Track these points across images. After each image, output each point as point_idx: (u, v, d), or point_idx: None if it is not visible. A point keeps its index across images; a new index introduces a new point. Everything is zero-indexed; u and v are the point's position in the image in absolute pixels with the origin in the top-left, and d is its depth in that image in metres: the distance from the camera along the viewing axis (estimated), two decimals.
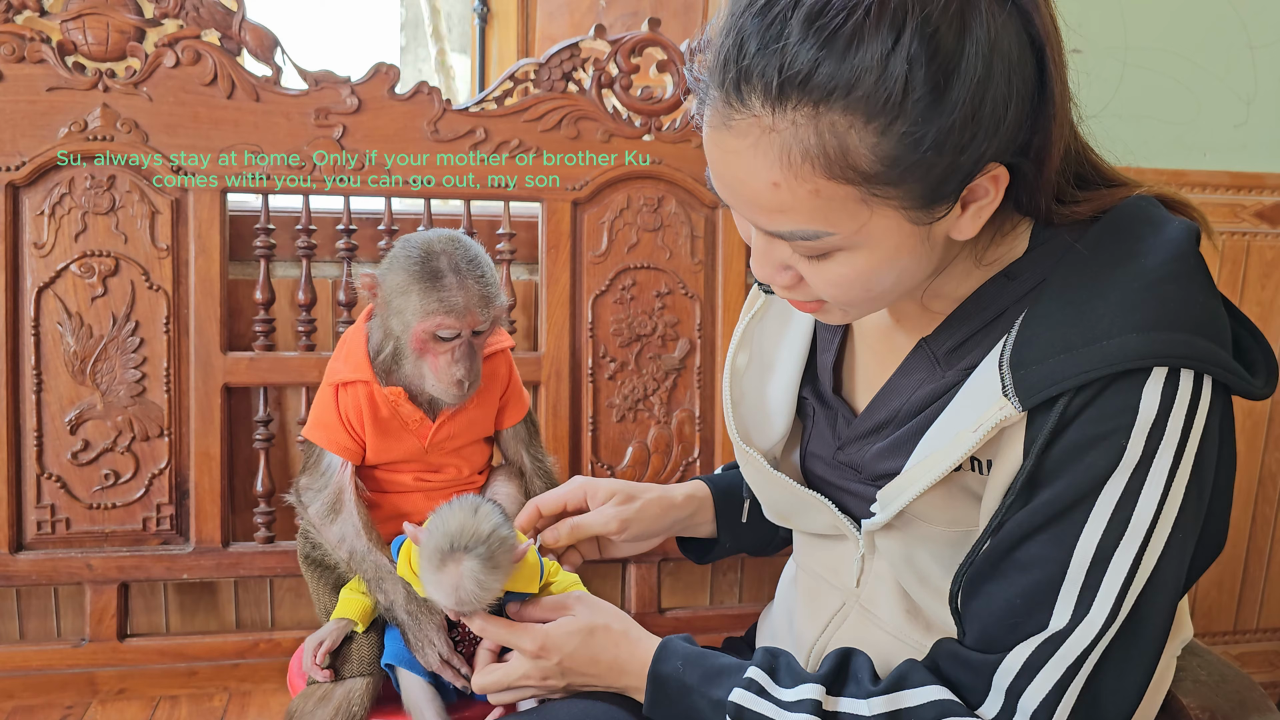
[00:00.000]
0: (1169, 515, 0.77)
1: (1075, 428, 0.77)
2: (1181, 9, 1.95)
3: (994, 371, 0.81)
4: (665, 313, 1.77)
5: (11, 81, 1.52)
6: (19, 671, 1.59)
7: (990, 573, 0.82)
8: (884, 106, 0.71)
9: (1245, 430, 2.12)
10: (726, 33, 0.76)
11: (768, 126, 0.74)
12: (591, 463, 1.76)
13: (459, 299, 1.06)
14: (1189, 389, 0.77)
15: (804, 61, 0.71)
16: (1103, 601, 0.77)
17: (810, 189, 0.74)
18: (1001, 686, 0.79)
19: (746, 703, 0.87)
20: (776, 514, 1.07)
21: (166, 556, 1.61)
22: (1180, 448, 0.76)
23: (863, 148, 0.73)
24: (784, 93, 0.72)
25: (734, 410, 1.05)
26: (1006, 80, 0.74)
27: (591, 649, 0.98)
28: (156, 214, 1.59)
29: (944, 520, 0.87)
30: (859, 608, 0.99)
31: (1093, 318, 0.78)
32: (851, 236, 0.77)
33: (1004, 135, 0.76)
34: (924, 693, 0.82)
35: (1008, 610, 0.80)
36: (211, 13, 1.58)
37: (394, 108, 1.64)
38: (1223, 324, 0.80)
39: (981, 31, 0.72)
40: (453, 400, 1.11)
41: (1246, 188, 2.02)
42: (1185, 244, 0.80)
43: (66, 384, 1.58)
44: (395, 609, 1.09)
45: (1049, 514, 0.78)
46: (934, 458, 0.84)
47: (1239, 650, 2.22)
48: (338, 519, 1.13)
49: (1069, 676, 0.77)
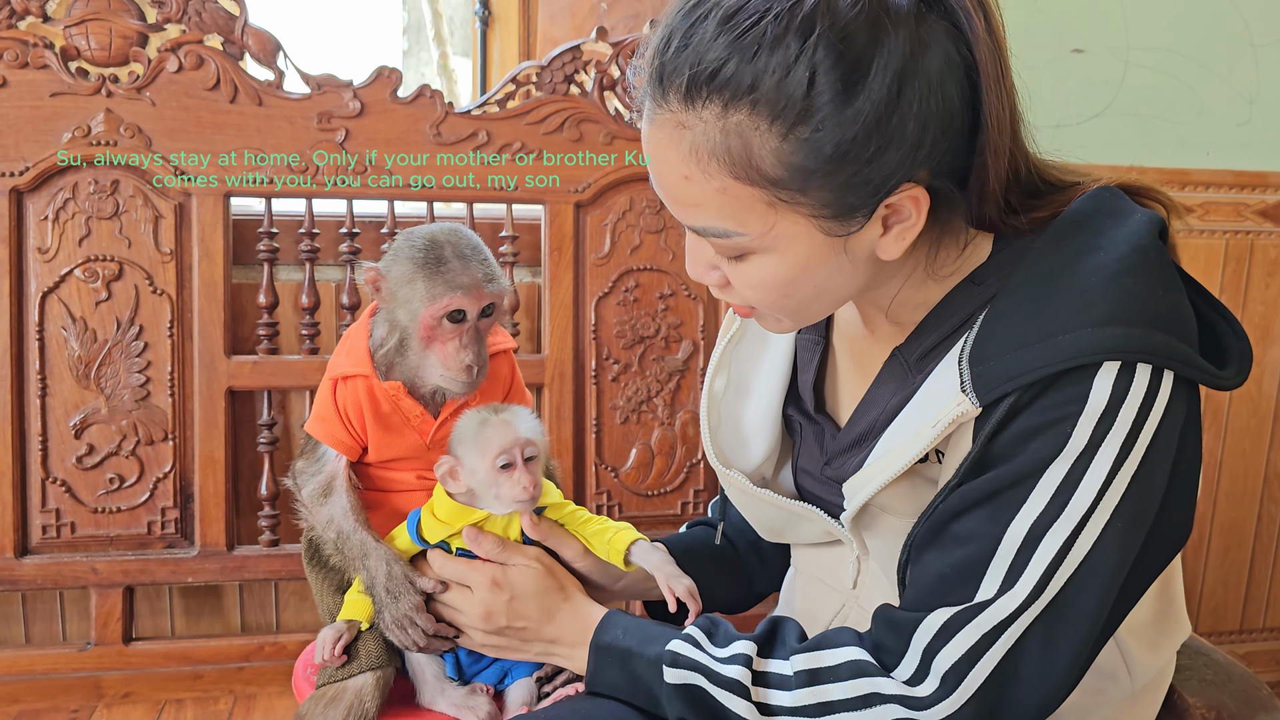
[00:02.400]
0: (1109, 503, 0.77)
1: (1023, 417, 0.78)
2: (1184, 8, 1.95)
3: (954, 368, 0.82)
4: (668, 314, 1.77)
5: (15, 87, 1.53)
6: (24, 675, 1.59)
7: (930, 541, 0.83)
8: (786, 110, 0.73)
9: (1250, 429, 2.12)
10: (659, 30, 0.79)
11: (680, 122, 0.76)
12: (595, 465, 1.76)
13: (465, 278, 1.07)
14: (1145, 383, 0.76)
15: (713, 60, 0.73)
16: (1028, 578, 0.77)
17: (718, 186, 0.77)
18: (919, 647, 0.80)
19: (683, 650, 0.88)
20: (768, 531, 1.08)
21: (171, 560, 1.62)
22: (1130, 439, 0.76)
23: (765, 150, 0.74)
24: (694, 89, 0.74)
25: (712, 435, 1.06)
26: (921, 101, 0.74)
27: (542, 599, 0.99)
28: (160, 218, 1.59)
29: (909, 512, 0.88)
30: (858, 608, 0.99)
31: (1049, 313, 0.78)
32: (761, 239, 0.79)
33: (921, 155, 0.76)
34: (842, 653, 0.83)
35: (939, 579, 0.81)
36: (214, 17, 1.58)
37: (396, 111, 1.64)
38: (1184, 317, 0.80)
39: (895, 46, 0.73)
40: (461, 389, 1.11)
41: (1250, 186, 2.02)
42: (1146, 236, 0.80)
43: (71, 388, 1.59)
44: (376, 585, 1.10)
45: (990, 490, 0.79)
46: (894, 452, 0.85)
47: (1245, 649, 2.22)
48: (328, 501, 1.14)
49: (984, 644, 0.78)
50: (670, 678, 0.88)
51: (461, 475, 1.06)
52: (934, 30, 0.75)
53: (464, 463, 1.06)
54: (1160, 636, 0.95)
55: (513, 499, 1.04)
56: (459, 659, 1.14)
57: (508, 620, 1.00)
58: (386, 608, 1.09)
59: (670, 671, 0.88)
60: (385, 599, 1.09)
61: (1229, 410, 2.10)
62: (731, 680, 0.85)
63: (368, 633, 1.12)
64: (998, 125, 0.78)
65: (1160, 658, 0.96)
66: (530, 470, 1.04)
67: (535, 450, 1.04)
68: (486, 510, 1.07)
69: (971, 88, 0.77)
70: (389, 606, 1.09)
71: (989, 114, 0.77)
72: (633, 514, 1.80)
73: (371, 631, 1.12)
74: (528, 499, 1.03)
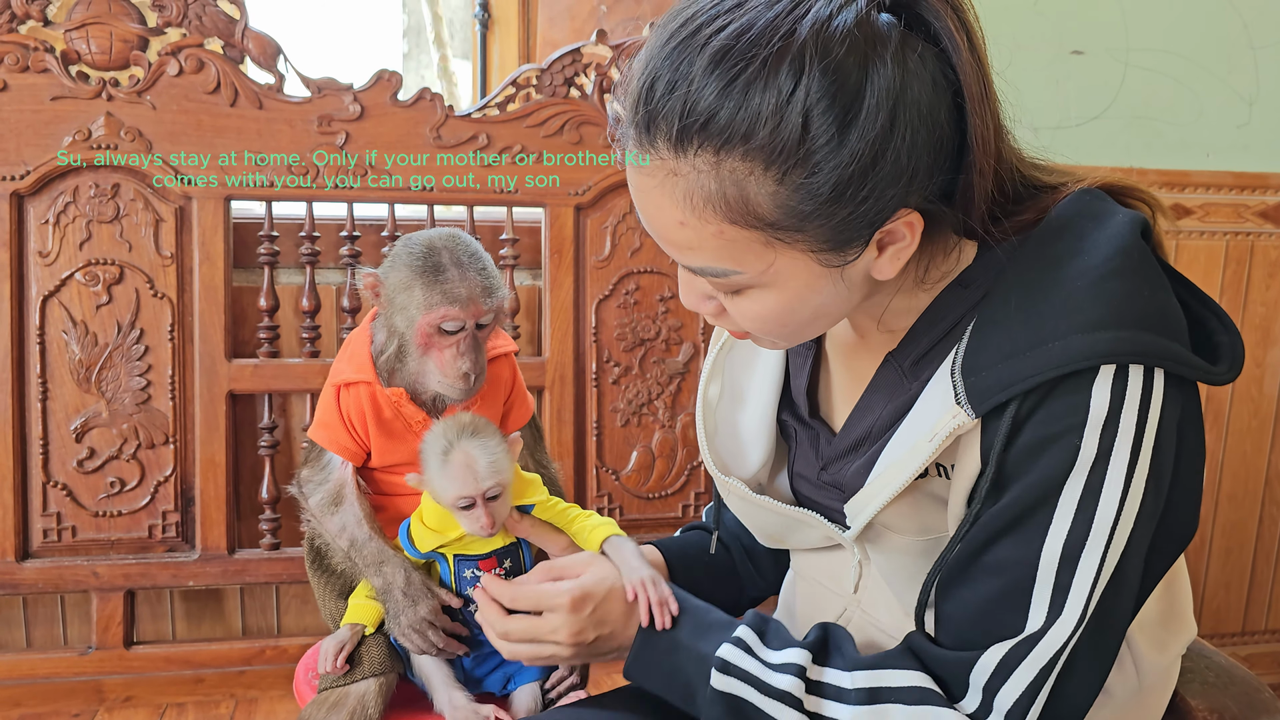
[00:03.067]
0: (1131, 511, 0.77)
1: (1028, 430, 0.78)
2: (1183, 10, 1.95)
3: (946, 380, 0.82)
4: (669, 317, 1.77)
5: (15, 91, 1.53)
6: (26, 680, 1.59)
7: (960, 577, 0.82)
8: (781, 155, 0.71)
9: (1251, 430, 2.12)
10: (641, 71, 0.76)
11: (672, 169, 0.74)
12: (596, 467, 1.76)
13: (462, 290, 1.07)
14: (1139, 384, 0.76)
15: (704, 107, 0.72)
16: (1075, 601, 0.77)
17: (714, 230, 0.75)
18: (979, 684, 0.80)
19: (733, 658, 0.87)
20: (768, 537, 1.07)
21: (172, 564, 1.61)
22: (1136, 443, 0.76)
23: (762, 195, 0.73)
24: (685, 137, 0.73)
25: (709, 442, 1.05)
26: (914, 130, 0.73)
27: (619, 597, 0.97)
28: (160, 222, 1.59)
29: (913, 529, 0.88)
30: (860, 612, 0.99)
31: (1038, 320, 0.78)
32: (759, 276, 0.78)
33: (915, 183, 0.76)
34: (907, 675, 0.83)
35: (981, 613, 0.81)
36: (214, 21, 1.59)
37: (397, 114, 1.64)
38: (1172, 315, 0.80)
39: (884, 81, 0.71)
40: (458, 396, 1.11)
41: (1250, 188, 2.02)
42: (1129, 237, 0.80)
43: (72, 392, 1.59)
44: (393, 590, 1.09)
45: (1012, 516, 0.79)
46: (893, 469, 0.85)
47: (1247, 651, 2.22)
48: (339, 510, 1.14)
49: (1044, 676, 0.78)
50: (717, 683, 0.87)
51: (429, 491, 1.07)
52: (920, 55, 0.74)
53: (431, 484, 1.06)
54: (1167, 635, 0.95)
55: (473, 529, 1.04)
56: (465, 665, 1.14)
57: (596, 631, 0.98)
58: (404, 612, 1.09)
59: (718, 677, 0.87)
60: (404, 603, 1.09)
61: (1230, 412, 2.10)
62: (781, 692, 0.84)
63: (371, 639, 1.12)
64: (982, 145, 0.78)
65: (1166, 657, 0.96)
66: (489, 510, 1.03)
67: (498, 490, 1.03)
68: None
69: (957, 108, 0.77)
70: (407, 611, 1.09)
71: (974, 135, 0.77)
72: (633, 516, 1.80)
73: (375, 637, 1.12)
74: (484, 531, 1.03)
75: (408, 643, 1.09)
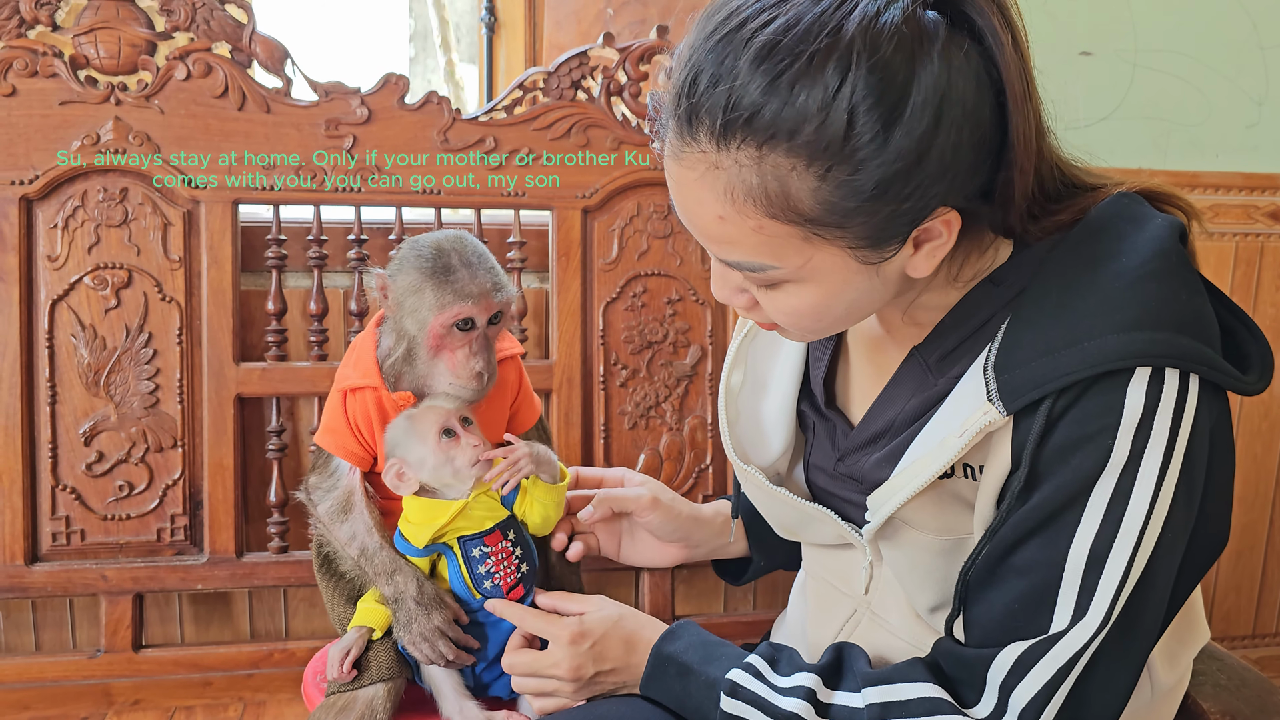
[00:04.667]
0: (1160, 515, 0.76)
1: (1061, 429, 0.77)
2: (1191, 11, 1.94)
3: (979, 377, 0.81)
4: (676, 319, 1.77)
5: (24, 96, 1.53)
6: (35, 683, 1.59)
7: (987, 578, 0.82)
8: (825, 152, 0.71)
9: (1262, 432, 2.11)
10: (684, 64, 0.76)
11: (714, 163, 0.74)
12: None
13: (473, 287, 1.07)
14: (1175, 388, 0.76)
15: (749, 102, 0.72)
16: (1099, 603, 0.76)
17: (754, 225, 0.76)
18: (995, 683, 0.79)
19: (742, 681, 0.87)
20: (783, 528, 1.07)
21: (181, 567, 1.62)
22: (1169, 447, 0.76)
23: (804, 191, 0.73)
24: (729, 131, 0.73)
25: (730, 430, 1.06)
26: (958, 129, 0.73)
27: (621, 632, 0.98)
28: (169, 225, 1.60)
29: (935, 527, 0.87)
30: (870, 614, 0.98)
31: (1074, 319, 0.77)
32: (797, 271, 0.78)
33: (956, 181, 0.75)
34: (917, 688, 0.82)
35: (1007, 615, 0.80)
36: (222, 25, 1.59)
37: (404, 118, 1.65)
38: (1207, 321, 0.80)
39: (930, 79, 0.71)
40: (471, 396, 1.11)
41: (1260, 188, 2.01)
42: (1167, 240, 0.80)
43: (80, 396, 1.59)
44: (405, 599, 1.09)
45: (1041, 517, 0.78)
46: (920, 463, 0.85)
47: (1258, 654, 2.21)
48: (349, 518, 1.14)
49: (1061, 676, 0.77)
50: (726, 706, 0.87)
51: (409, 473, 1.08)
52: (965, 53, 0.74)
53: (408, 458, 1.07)
54: (1180, 646, 0.94)
55: (469, 464, 1.05)
56: (475, 670, 1.13)
57: (595, 668, 0.99)
58: (416, 620, 1.09)
59: (727, 701, 0.87)
60: (416, 611, 1.09)
61: (1240, 415, 2.09)
62: (789, 714, 0.84)
63: (379, 643, 1.12)
64: (1024, 144, 0.77)
65: (1180, 666, 0.95)
66: (473, 432, 1.05)
67: (469, 415, 1.08)
68: (453, 499, 1.08)
69: (999, 106, 0.76)
70: (419, 619, 1.09)
71: (1015, 133, 0.77)
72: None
73: (383, 642, 1.12)
74: (484, 460, 1.04)
75: (417, 652, 1.09)
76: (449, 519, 1.08)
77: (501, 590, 1.10)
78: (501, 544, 1.09)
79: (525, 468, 1.10)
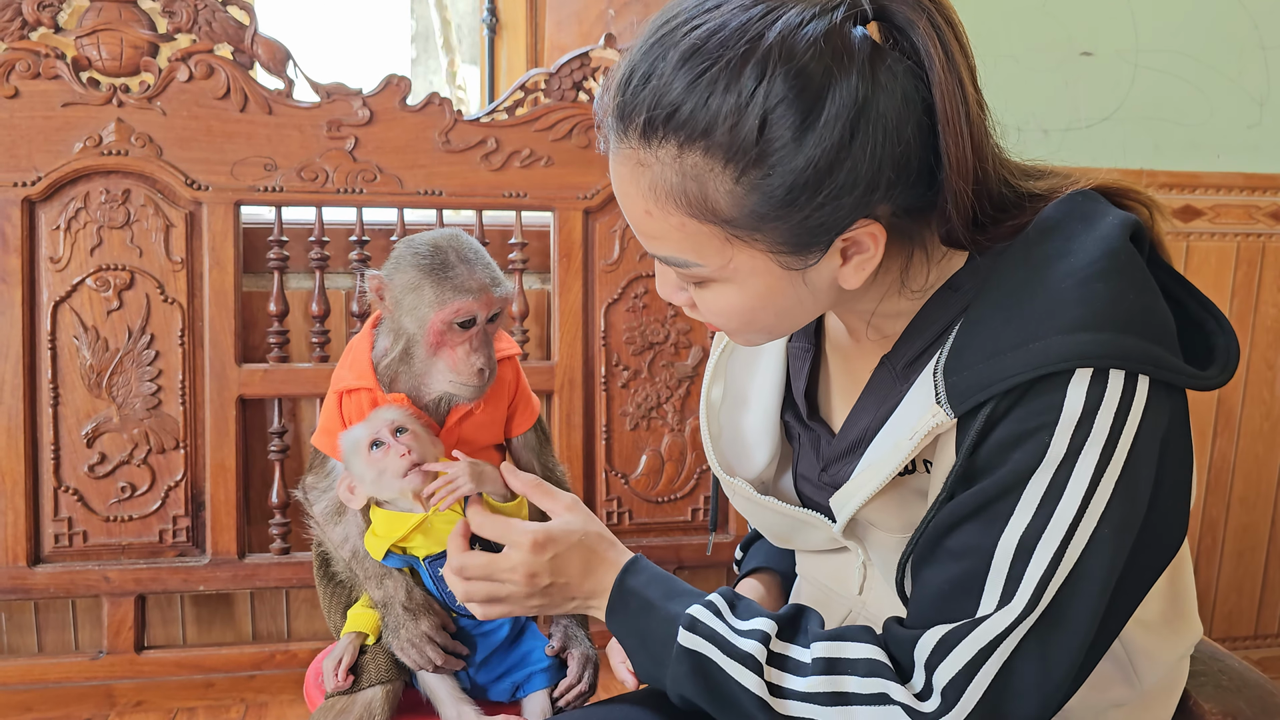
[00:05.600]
0: (1095, 512, 0.77)
1: (1002, 427, 0.78)
2: (1192, 10, 1.94)
3: (929, 380, 0.82)
4: (677, 320, 1.77)
5: (27, 97, 1.54)
6: (37, 684, 1.60)
7: (927, 557, 0.83)
8: (738, 154, 0.74)
9: (1263, 433, 2.11)
10: (623, 62, 0.79)
11: (639, 160, 0.77)
12: (605, 471, 1.76)
13: (473, 283, 1.08)
14: (1119, 388, 0.76)
15: (669, 101, 0.74)
16: (1024, 590, 0.77)
17: (676, 222, 0.78)
18: (921, 660, 0.81)
19: (701, 617, 0.88)
20: (776, 537, 1.08)
21: (183, 568, 1.62)
22: (1109, 445, 0.76)
23: (720, 192, 0.75)
24: (651, 129, 0.76)
25: (714, 444, 1.06)
26: (876, 144, 0.74)
27: (582, 550, 0.98)
28: (171, 227, 1.60)
29: (897, 526, 0.88)
30: (865, 615, 0.99)
31: (1020, 321, 0.78)
32: (720, 270, 0.81)
33: (876, 195, 0.77)
34: (863, 648, 0.83)
35: (939, 594, 0.82)
36: (224, 27, 1.59)
37: (405, 119, 1.65)
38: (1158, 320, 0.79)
39: (847, 93, 0.73)
40: (472, 394, 1.11)
41: (1261, 189, 2.01)
42: (1117, 239, 0.80)
43: (83, 397, 1.59)
44: (393, 604, 1.09)
45: (978, 504, 0.79)
46: (875, 465, 0.86)
47: (1260, 655, 2.21)
48: (343, 519, 1.14)
49: (981, 657, 0.78)
50: (684, 640, 0.88)
51: (357, 487, 1.08)
52: (892, 70, 0.75)
53: (351, 471, 1.07)
54: (1163, 642, 0.94)
55: (397, 474, 1.03)
56: (470, 674, 1.13)
57: (551, 578, 0.97)
58: (404, 626, 1.09)
59: (685, 634, 0.88)
60: (404, 617, 1.09)
61: (1241, 414, 2.09)
62: (745, 654, 0.85)
63: (376, 647, 1.12)
64: (957, 166, 0.78)
65: (1172, 656, 0.95)
66: (402, 440, 1.04)
67: (404, 425, 1.05)
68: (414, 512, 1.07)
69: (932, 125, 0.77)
70: (407, 625, 1.09)
71: (948, 157, 0.77)
72: (643, 520, 1.80)
73: (380, 645, 1.12)
74: (417, 470, 1.03)
75: (406, 658, 1.09)
76: (407, 531, 1.07)
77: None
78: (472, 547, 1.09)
79: (464, 486, 1.04)
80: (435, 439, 1.10)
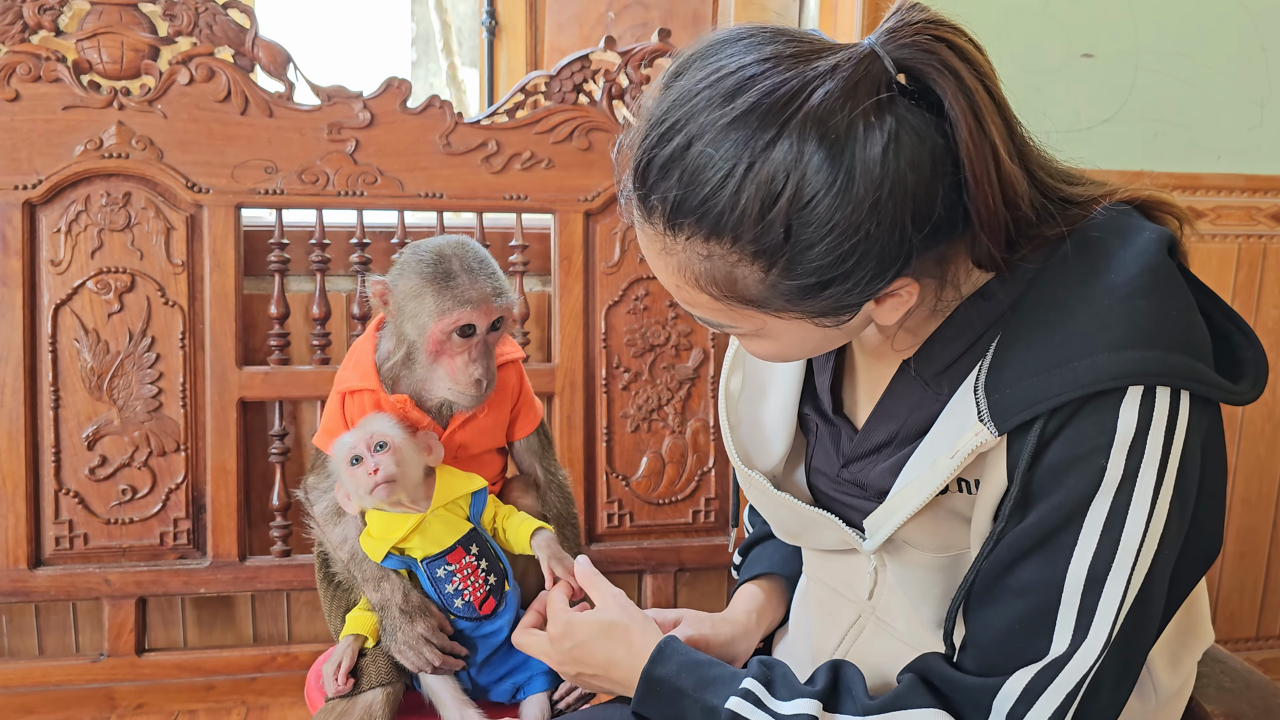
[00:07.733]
0: (1156, 531, 0.76)
1: (1054, 450, 0.77)
2: (1193, 12, 1.94)
3: (969, 396, 0.81)
4: (678, 322, 1.77)
5: (28, 101, 1.54)
6: (38, 687, 1.60)
7: (985, 597, 0.82)
8: (766, 251, 0.73)
9: (1265, 435, 2.11)
10: (638, 143, 0.77)
11: (665, 246, 0.77)
12: (606, 473, 1.76)
13: (474, 293, 1.08)
14: (1166, 406, 0.76)
15: (693, 198, 0.73)
16: (1100, 625, 0.76)
17: (707, 299, 0.79)
18: (1002, 711, 0.79)
19: (742, 710, 0.86)
20: (785, 533, 1.07)
21: (184, 571, 1.62)
22: (1162, 465, 0.76)
23: (750, 280, 0.76)
24: (676, 222, 0.75)
25: (732, 434, 1.06)
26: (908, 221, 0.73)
27: (603, 645, 0.99)
28: (172, 230, 1.60)
29: (933, 545, 0.87)
30: (874, 619, 0.98)
31: (1064, 338, 0.77)
32: (756, 331, 0.82)
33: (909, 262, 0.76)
34: (923, 715, 0.82)
35: (1006, 636, 0.80)
36: (225, 30, 1.59)
37: (406, 121, 1.65)
38: (1198, 334, 0.79)
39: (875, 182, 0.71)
40: (470, 403, 1.11)
41: (1262, 190, 2.01)
42: (1156, 255, 0.79)
43: (84, 400, 1.59)
44: (390, 606, 1.10)
45: (1037, 537, 0.78)
46: (914, 485, 0.85)
47: (1262, 656, 2.20)
48: (342, 520, 1.14)
49: (1069, 702, 0.77)
50: None
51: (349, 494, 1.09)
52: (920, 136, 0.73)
53: (339, 482, 1.09)
54: (1182, 649, 0.94)
55: (365, 489, 1.05)
56: (471, 675, 1.13)
57: (577, 667, 1.01)
58: (401, 628, 1.09)
59: None
60: (400, 620, 1.09)
61: (1243, 417, 2.09)
62: None
63: (376, 649, 1.12)
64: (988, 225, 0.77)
65: (1183, 669, 0.95)
66: (378, 457, 1.05)
67: (384, 439, 1.06)
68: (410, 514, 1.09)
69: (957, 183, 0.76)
70: (404, 627, 1.09)
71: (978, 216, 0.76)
72: (644, 522, 1.80)
73: (380, 648, 1.12)
74: (374, 484, 1.05)
75: (404, 659, 1.09)
76: (405, 533, 1.08)
77: (474, 606, 1.10)
78: (465, 559, 1.10)
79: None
80: (426, 447, 1.11)
